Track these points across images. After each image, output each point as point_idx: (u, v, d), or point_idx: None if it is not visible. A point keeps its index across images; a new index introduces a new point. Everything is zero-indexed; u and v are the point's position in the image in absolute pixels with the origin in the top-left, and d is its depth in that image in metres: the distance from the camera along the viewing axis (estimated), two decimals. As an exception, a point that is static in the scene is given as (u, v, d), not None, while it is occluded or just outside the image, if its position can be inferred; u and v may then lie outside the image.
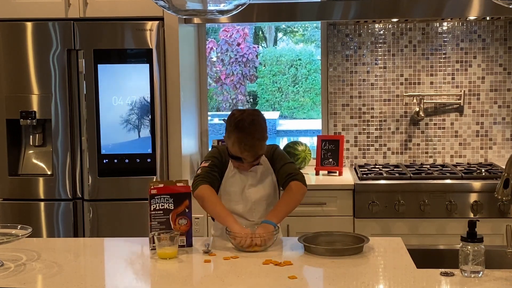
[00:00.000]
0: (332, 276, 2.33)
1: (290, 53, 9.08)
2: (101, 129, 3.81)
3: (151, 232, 2.63)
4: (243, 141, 2.73)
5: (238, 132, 2.74)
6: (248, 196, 2.86)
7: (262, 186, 2.87)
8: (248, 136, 2.73)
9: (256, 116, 2.81)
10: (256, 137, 2.75)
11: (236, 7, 2.37)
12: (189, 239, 2.66)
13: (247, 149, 2.74)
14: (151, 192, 2.63)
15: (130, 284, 2.34)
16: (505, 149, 4.39)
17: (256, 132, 2.75)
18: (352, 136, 4.47)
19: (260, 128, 2.78)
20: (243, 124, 2.75)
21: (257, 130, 2.76)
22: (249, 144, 2.73)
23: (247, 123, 2.75)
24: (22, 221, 3.24)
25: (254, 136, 2.74)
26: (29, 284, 2.27)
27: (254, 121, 2.77)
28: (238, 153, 2.76)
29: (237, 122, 2.76)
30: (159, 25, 3.78)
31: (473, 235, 2.26)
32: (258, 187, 2.87)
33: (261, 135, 2.77)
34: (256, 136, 2.75)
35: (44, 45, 3.79)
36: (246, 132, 2.74)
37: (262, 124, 2.80)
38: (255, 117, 2.80)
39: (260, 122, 2.80)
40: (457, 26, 4.36)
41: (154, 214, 2.63)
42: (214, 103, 8.64)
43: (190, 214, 2.66)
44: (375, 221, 3.82)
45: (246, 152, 2.75)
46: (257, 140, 2.75)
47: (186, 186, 2.68)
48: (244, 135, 2.73)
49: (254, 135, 2.74)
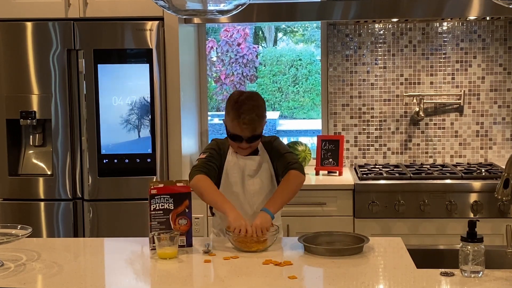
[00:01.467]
0: (332, 276, 2.33)
1: (290, 53, 9.08)
2: (101, 129, 3.81)
3: (151, 232, 2.63)
4: (242, 114, 2.77)
5: (238, 107, 2.79)
6: (247, 187, 2.89)
7: (259, 178, 2.90)
8: (247, 110, 2.78)
9: (255, 95, 2.88)
10: (254, 112, 2.79)
11: (236, 7, 2.37)
12: (189, 239, 2.66)
13: (246, 123, 2.77)
14: (151, 192, 2.63)
15: (130, 284, 2.34)
16: (505, 149, 4.39)
17: (254, 108, 2.80)
18: (352, 136, 4.47)
19: (259, 105, 2.83)
20: (242, 100, 2.81)
21: (256, 106, 2.81)
22: (247, 118, 2.77)
23: (246, 100, 2.81)
24: (22, 221, 3.25)
25: (253, 111, 2.78)
26: (29, 284, 2.27)
27: (253, 98, 2.84)
28: (237, 128, 2.79)
29: (236, 98, 2.82)
30: (159, 25, 3.78)
31: (473, 235, 2.25)
32: (256, 179, 2.89)
33: (259, 112, 2.81)
34: (255, 112, 2.79)
35: (44, 45, 3.80)
36: (245, 108, 2.78)
37: (260, 103, 2.85)
38: (254, 96, 2.87)
39: (259, 101, 2.86)
40: (457, 26, 4.36)
41: (154, 214, 2.63)
42: (214, 103, 8.64)
43: (190, 214, 2.66)
44: (375, 221, 3.82)
45: (244, 126, 2.77)
46: (256, 116, 2.79)
47: (186, 186, 2.68)
48: (243, 110, 2.78)
49: (253, 111, 2.79)
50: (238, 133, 2.81)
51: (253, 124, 2.78)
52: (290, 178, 2.83)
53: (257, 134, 2.82)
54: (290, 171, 2.84)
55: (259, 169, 2.90)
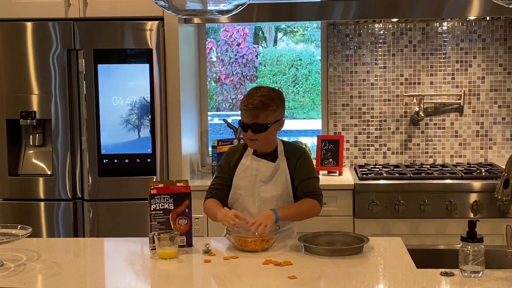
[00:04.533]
0: (332, 276, 2.33)
1: (290, 53, 9.07)
2: (101, 129, 3.81)
3: (151, 232, 2.63)
4: (248, 100, 2.76)
5: (248, 94, 2.80)
6: (258, 194, 2.83)
7: (273, 185, 2.84)
8: (254, 97, 2.76)
9: (272, 89, 2.84)
10: (261, 101, 2.75)
11: (236, 7, 2.37)
12: (189, 239, 2.66)
13: (249, 108, 2.75)
14: (151, 192, 2.63)
15: (130, 284, 2.34)
16: (505, 149, 4.39)
17: (263, 97, 2.76)
18: (352, 136, 4.47)
19: (270, 97, 2.78)
20: (255, 89, 2.81)
21: (265, 96, 2.77)
22: (251, 103, 2.75)
23: (259, 90, 2.80)
24: (22, 221, 3.25)
25: (260, 99, 2.75)
26: (29, 284, 2.27)
27: (266, 90, 2.81)
28: (243, 114, 2.78)
29: (252, 89, 2.83)
30: (159, 25, 3.78)
31: (473, 235, 2.26)
32: (270, 186, 2.83)
33: (267, 102, 2.76)
34: (262, 101, 2.75)
35: (44, 45, 3.80)
36: (254, 95, 2.77)
37: (273, 95, 2.80)
38: (271, 89, 2.83)
39: (272, 94, 2.80)
40: (457, 26, 4.36)
41: (154, 214, 2.63)
42: (214, 103, 8.64)
43: (190, 214, 2.66)
44: (375, 221, 3.82)
45: (246, 108, 2.75)
46: (261, 103, 2.75)
47: (186, 186, 2.68)
48: (251, 97, 2.77)
49: (260, 99, 2.75)
50: (243, 120, 2.79)
51: (255, 110, 2.75)
52: (309, 204, 2.82)
53: (260, 122, 2.76)
54: (311, 199, 2.82)
55: (274, 175, 2.84)
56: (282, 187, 2.84)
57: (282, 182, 2.84)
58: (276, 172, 2.84)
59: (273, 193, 2.83)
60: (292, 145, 2.95)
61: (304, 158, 2.88)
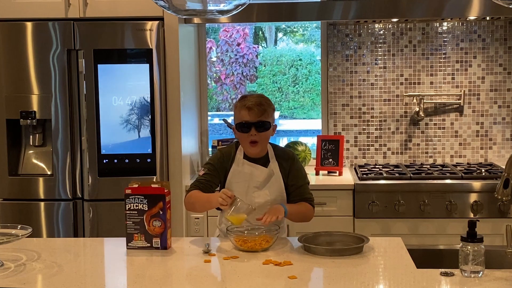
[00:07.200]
0: (332, 276, 2.33)
1: (290, 53, 9.08)
2: (101, 129, 3.81)
3: (127, 232, 2.64)
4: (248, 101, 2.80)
5: (243, 97, 2.85)
6: (251, 200, 2.82)
7: (268, 190, 2.84)
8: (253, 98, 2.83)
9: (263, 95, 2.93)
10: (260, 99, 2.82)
11: (236, 7, 2.37)
12: (163, 241, 2.63)
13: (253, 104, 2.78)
14: (126, 192, 2.64)
15: (130, 284, 2.34)
16: (505, 149, 4.39)
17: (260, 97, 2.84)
18: (352, 136, 4.47)
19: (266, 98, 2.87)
20: (249, 93, 2.91)
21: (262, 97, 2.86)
22: (253, 101, 2.79)
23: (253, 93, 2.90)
24: (22, 221, 3.25)
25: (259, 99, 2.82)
26: (29, 284, 2.27)
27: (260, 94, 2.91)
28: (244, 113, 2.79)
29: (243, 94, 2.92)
30: (159, 25, 3.78)
31: (473, 235, 2.26)
32: (264, 191, 2.84)
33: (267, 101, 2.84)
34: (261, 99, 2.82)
35: (44, 45, 3.80)
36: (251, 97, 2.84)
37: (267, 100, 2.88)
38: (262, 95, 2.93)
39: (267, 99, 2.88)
40: (457, 26, 4.36)
41: (129, 214, 2.64)
42: (214, 103, 8.64)
43: (164, 216, 2.63)
44: (375, 221, 3.82)
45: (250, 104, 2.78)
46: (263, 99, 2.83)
47: (161, 188, 2.64)
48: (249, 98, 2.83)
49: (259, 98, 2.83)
50: (246, 119, 2.78)
51: (260, 106, 2.78)
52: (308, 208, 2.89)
53: (264, 120, 2.78)
54: (307, 204, 2.89)
55: (268, 181, 2.85)
56: (276, 193, 2.85)
57: (276, 187, 2.86)
58: (271, 177, 2.85)
59: (267, 198, 2.84)
60: (281, 148, 2.97)
61: (297, 163, 2.93)
